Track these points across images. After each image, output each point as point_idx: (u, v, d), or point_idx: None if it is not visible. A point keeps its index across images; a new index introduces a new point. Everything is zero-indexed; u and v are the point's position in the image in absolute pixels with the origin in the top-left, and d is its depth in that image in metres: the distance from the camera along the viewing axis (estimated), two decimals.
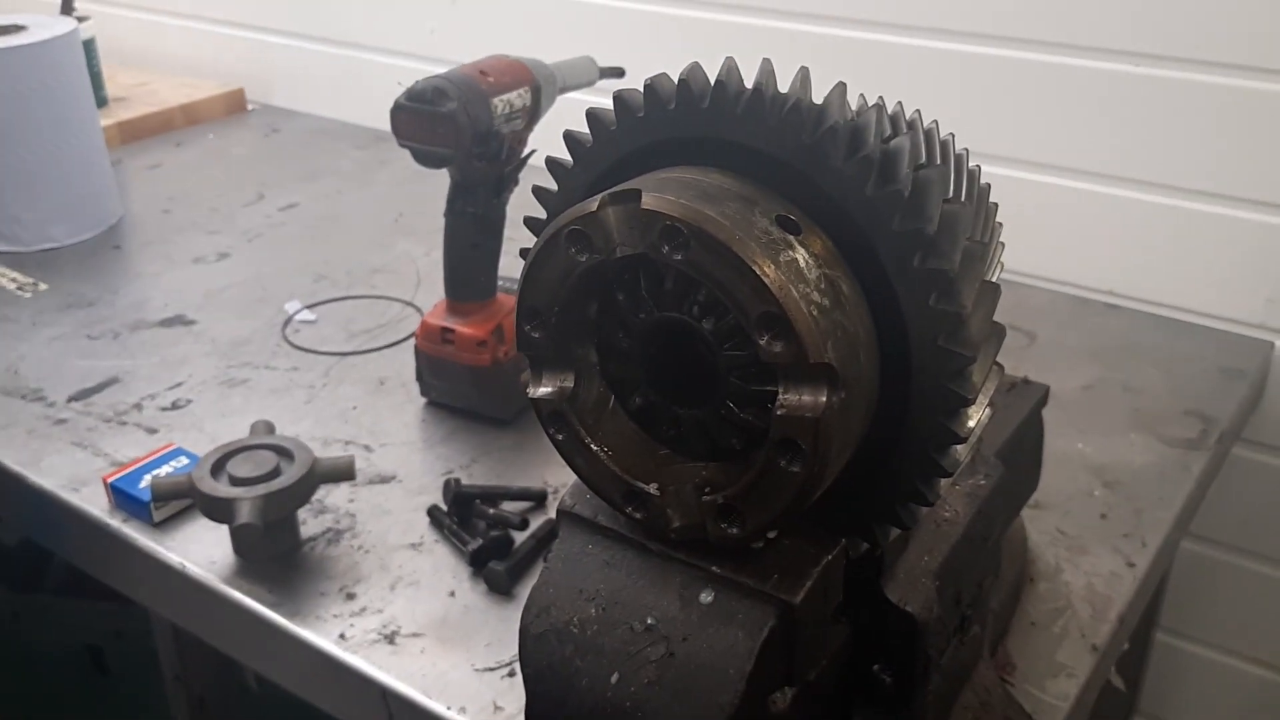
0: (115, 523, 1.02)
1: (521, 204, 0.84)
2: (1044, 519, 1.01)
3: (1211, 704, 1.53)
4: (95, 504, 1.04)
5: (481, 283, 1.13)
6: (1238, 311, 1.34)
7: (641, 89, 0.55)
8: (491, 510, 1.00)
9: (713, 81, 0.53)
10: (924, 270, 0.50)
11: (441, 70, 1.04)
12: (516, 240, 0.95)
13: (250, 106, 2.16)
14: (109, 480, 1.03)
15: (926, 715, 0.69)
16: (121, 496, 1.02)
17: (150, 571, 1.00)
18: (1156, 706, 1.57)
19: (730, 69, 0.53)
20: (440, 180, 1.11)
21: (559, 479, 1.05)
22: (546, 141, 0.77)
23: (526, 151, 1.11)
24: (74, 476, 1.08)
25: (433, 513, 1.01)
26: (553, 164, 0.60)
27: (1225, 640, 1.49)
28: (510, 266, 1.16)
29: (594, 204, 0.53)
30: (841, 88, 0.53)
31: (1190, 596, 1.47)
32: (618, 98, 0.56)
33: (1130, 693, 1.46)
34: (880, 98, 0.57)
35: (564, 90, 1.16)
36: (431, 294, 1.40)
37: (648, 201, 0.51)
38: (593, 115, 0.58)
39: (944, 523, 0.69)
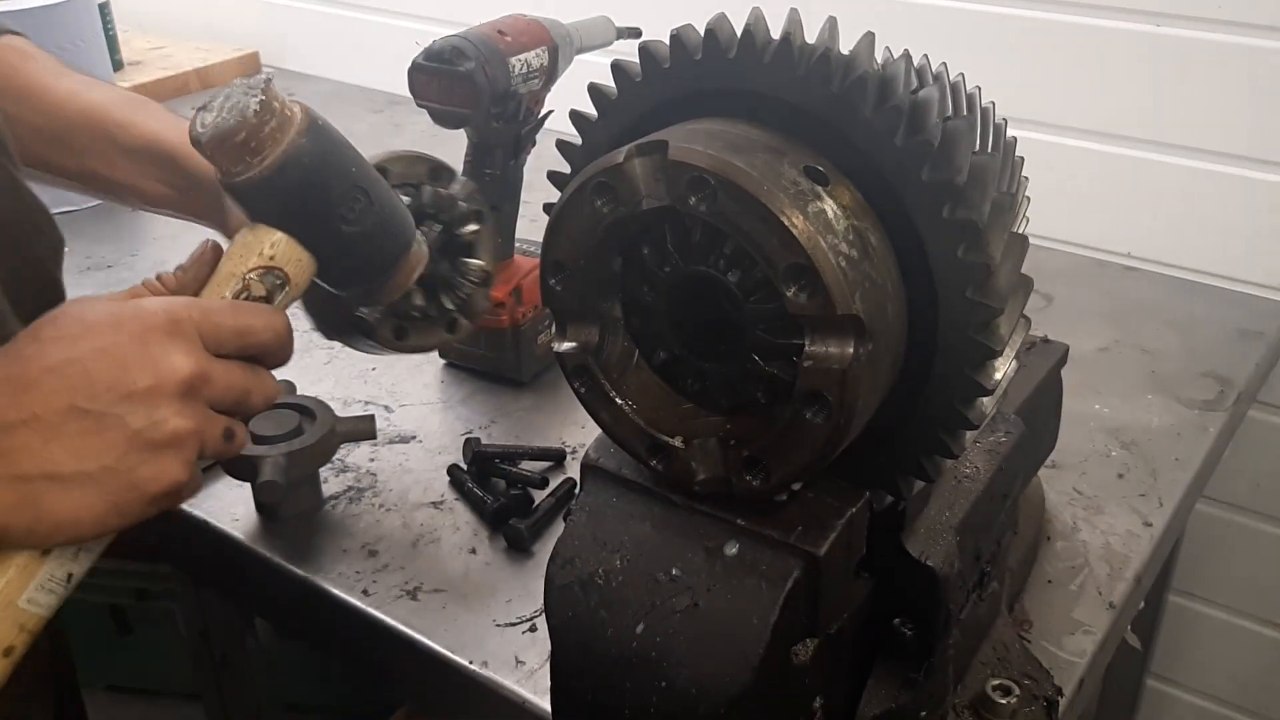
0: None
1: (538, 166, 0.84)
2: (1061, 478, 1.01)
3: (1224, 665, 1.54)
4: None
5: (499, 244, 1.13)
6: (1256, 274, 1.33)
7: (667, 40, 0.55)
8: (511, 469, 1.01)
9: (739, 32, 0.53)
10: (953, 221, 0.50)
11: (458, 31, 1.04)
12: (533, 204, 0.95)
13: (265, 70, 2.15)
14: None
15: (946, 669, 0.70)
16: None
17: (173, 529, 1.01)
18: (1168, 668, 1.58)
19: (758, 18, 0.53)
20: (455, 144, 1.11)
21: (577, 439, 1.05)
22: (563, 105, 0.76)
23: (543, 112, 1.11)
24: None
25: (453, 472, 1.02)
26: (577, 117, 0.60)
27: (1238, 602, 1.50)
28: (527, 229, 1.16)
29: (620, 155, 0.53)
30: (870, 38, 0.53)
31: (1203, 558, 1.48)
32: (643, 49, 0.56)
33: (1143, 654, 1.46)
34: (906, 50, 0.57)
35: (581, 50, 1.15)
36: None
37: (675, 152, 0.51)
38: (618, 67, 0.58)
39: (965, 479, 0.69)
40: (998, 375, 0.54)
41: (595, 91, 0.59)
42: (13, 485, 0.57)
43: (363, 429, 0.99)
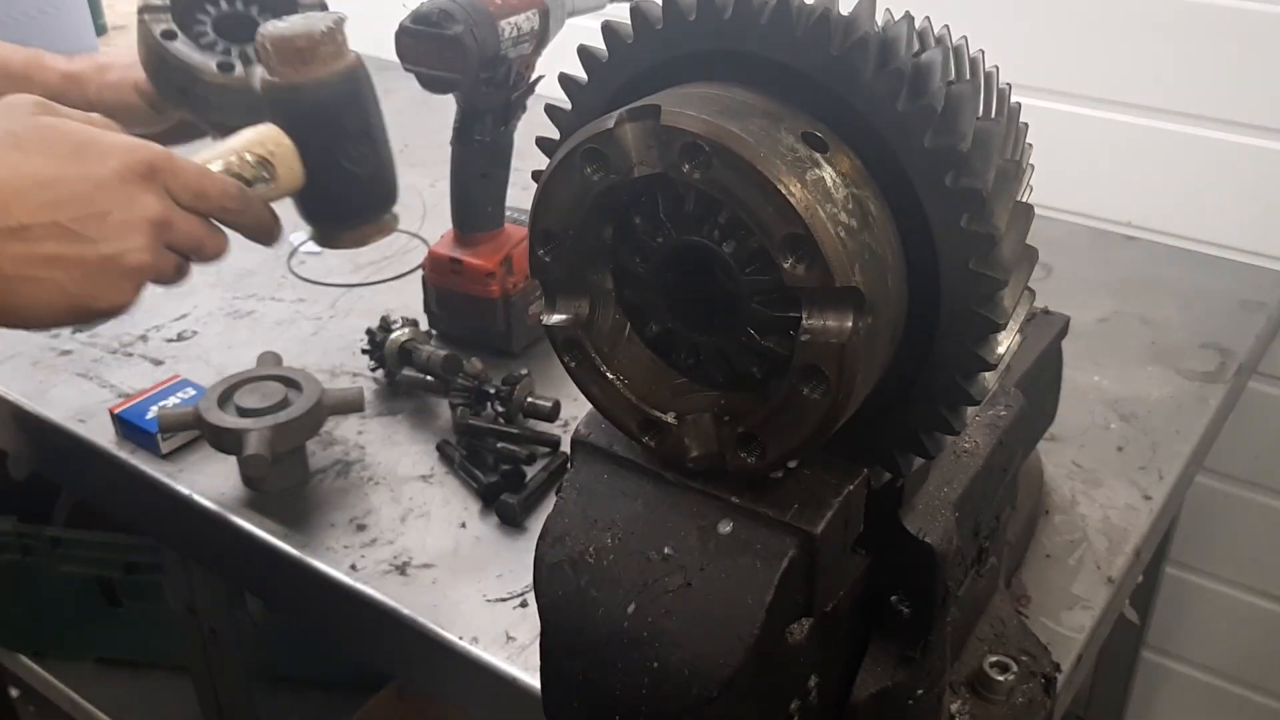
0: (123, 454, 1.01)
1: (529, 132, 0.82)
2: (1060, 451, 1.00)
3: (1220, 637, 1.54)
4: (103, 435, 1.03)
5: (490, 213, 1.11)
6: (1258, 244, 1.32)
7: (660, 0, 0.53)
8: (500, 444, 0.99)
9: None
10: (956, 190, 0.48)
11: None
12: (523, 171, 0.93)
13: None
14: (116, 411, 1.02)
15: (943, 646, 0.69)
16: (129, 428, 1.01)
17: (159, 503, 0.99)
18: (1165, 640, 1.57)
19: None
20: (445, 110, 1.09)
21: (569, 412, 1.04)
22: (554, 70, 0.74)
23: (534, 77, 1.09)
24: (80, 408, 1.07)
25: (442, 448, 1.00)
26: (566, 81, 0.58)
27: (1235, 574, 1.49)
28: (517, 197, 1.14)
29: (611, 121, 0.51)
30: None
31: (1202, 530, 1.47)
32: (635, 9, 0.54)
33: (1139, 626, 1.46)
34: (908, 12, 0.55)
35: (573, 13, 1.12)
36: (437, 226, 1.37)
37: (668, 117, 0.49)
38: (609, 28, 0.55)
39: (964, 454, 0.68)
40: (1000, 349, 0.52)
41: (585, 54, 0.57)
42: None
43: (350, 401, 0.97)
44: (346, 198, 0.82)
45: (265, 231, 0.80)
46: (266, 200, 0.79)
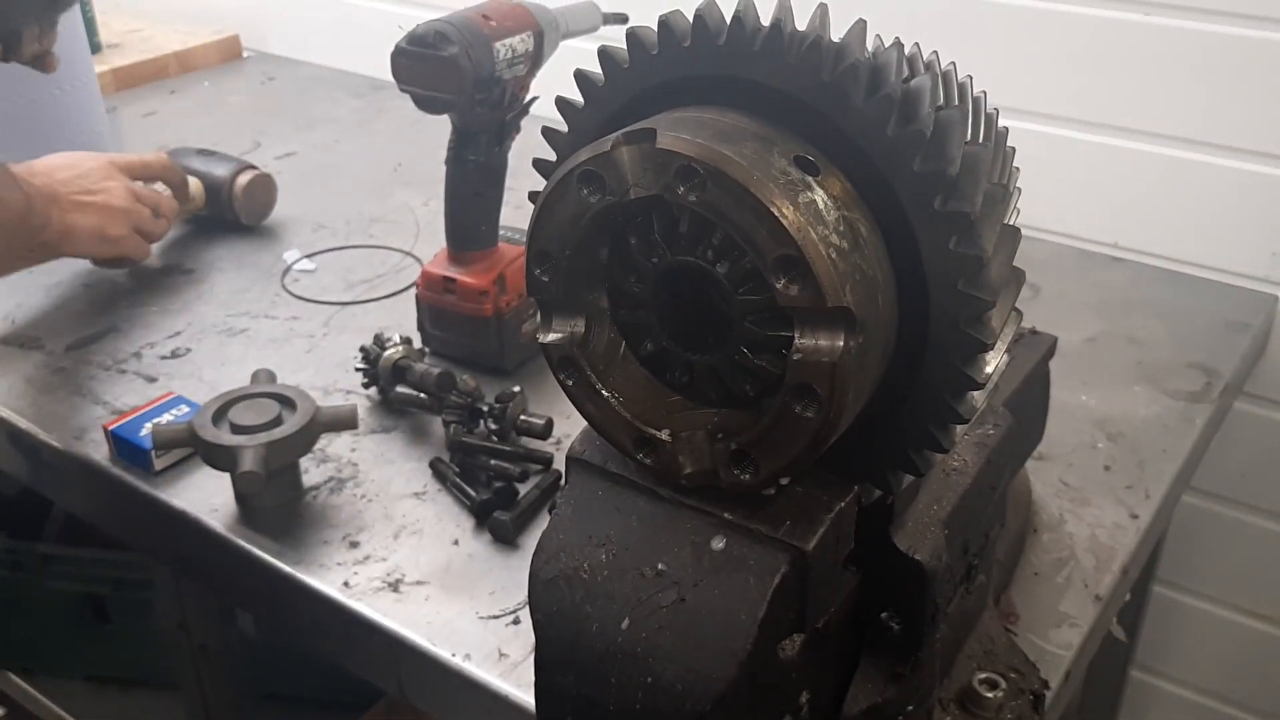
0: (116, 470, 1.01)
1: (523, 152, 0.83)
2: (1048, 470, 1.01)
3: (1208, 656, 1.54)
4: (96, 452, 1.03)
5: (483, 232, 1.12)
6: (1243, 265, 1.33)
7: (655, 25, 0.54)
8: (493, 462, 1.00)
9: (729, 18, 0.52)
10: (945, 212, 0.49)
11: (442, 15, 1.03)
12: (517, 190, 0.94)
13: (246, 54, 2.13)
14: (110, 428, 1.02)
15: (932, 663, 0.69)
16: (122, 445, 1.01)
17: (152, 519, 0.99)
18: (1153, 659, 1.58)
19: (747, 4, 0.52)
20: (439, 129, 1.10)
21: (561, 430, 1.04)
22: (548, 91, 0.76)
23: (529, 98, 1.10)
24: (74, 425, 1.07)
25: (435, 465, 1.01)
26: (563, 104, 0.59)
27: (1223, 593, 1.50)
28: (510, 216, 1.15)
29: (607, 144, 0.51)
30: (861, 25, 0.52)
31: (1189, 549, 1.48)
32: (631, 35, 0.55)
33: (1128, 645, 1.47)
34: (897, 38, 0.56)
35: (567, 36, 1.14)
36: (431, 244, 1.39)
37: (663, 141, 0.50)
38: (605, 53, 0.56)
39: (953, 472, 0.69)
40: (989, 369, 0.53)
41: (581, 78, 0.58)
42: (62, 218, 1.19)
43: (344, 419, 0.98)
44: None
45: (183, 188, 1.38)
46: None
